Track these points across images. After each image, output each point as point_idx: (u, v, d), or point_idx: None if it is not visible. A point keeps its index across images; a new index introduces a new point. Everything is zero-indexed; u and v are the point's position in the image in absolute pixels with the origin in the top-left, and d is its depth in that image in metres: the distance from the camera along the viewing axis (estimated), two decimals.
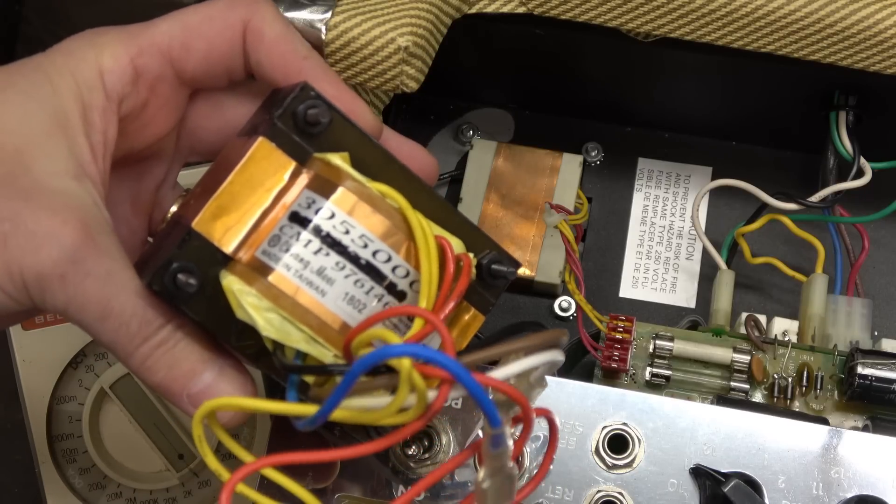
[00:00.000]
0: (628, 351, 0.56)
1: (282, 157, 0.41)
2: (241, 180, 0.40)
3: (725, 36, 0.53)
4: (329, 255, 0.40)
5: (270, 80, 0.44)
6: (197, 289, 0.39)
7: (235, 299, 0.39)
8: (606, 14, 0.54)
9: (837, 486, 0.46)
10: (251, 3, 0.45)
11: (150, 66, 0.43)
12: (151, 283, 0.39)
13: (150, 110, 0.44)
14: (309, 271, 0.39)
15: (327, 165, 0.41)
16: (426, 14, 0.51)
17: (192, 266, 0.39)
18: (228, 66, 0.45)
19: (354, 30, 0.50)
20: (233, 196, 0.40)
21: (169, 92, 0.45)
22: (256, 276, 0.40)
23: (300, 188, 0.41)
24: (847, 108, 0.59)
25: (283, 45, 0.44)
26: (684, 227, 0.65)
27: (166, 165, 0.47)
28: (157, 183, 0.47)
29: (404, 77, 0.50)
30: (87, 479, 0.60)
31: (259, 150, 0.41)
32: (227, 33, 0.44)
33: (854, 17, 0.51)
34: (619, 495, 0.46)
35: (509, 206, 0.64)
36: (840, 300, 0.59)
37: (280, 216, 0.40)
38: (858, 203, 0.60)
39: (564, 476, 0.46)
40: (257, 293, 0.39)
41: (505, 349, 0.37)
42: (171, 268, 0.39)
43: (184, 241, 0.40)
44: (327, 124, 0.41)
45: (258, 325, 0.39)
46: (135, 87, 0.43)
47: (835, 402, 0.55)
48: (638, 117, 0.67)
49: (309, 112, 0.41)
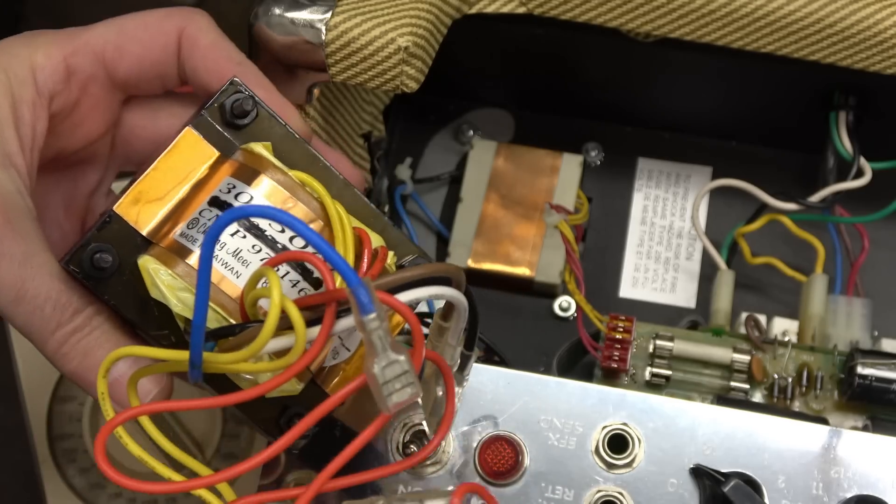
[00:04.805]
0: (628, 351, 0.56)
1: (207, 148, 0.42)
2: (164, 167, 0.42)
3: (725, 36, 0.53)
4: (246, 237, 0.40)
5: (205, 86, 0.45)
6: (114, 270, 0.40)
7: (150, 278, 0.40)
8: (606, 14, 0.54)
9: (837, 486, 0.46)
10: (187, 13, 0.46)
11: (82, 65, 0.44)
12: (69, 262, 0.40)
13: (82, 110, 0.45)
14: (225, 253, 0.40)
15: (250, 154, 0.42)
16: (426, 14, 0.51)
17: (110, 248, 0.40)
18: (162, 72, 0.46)
19: (354, 30, 0.50)
20: (155, 182, 0.41)
21: (101, 93, 0.46)
22: (175, 258, 0.40)
23: (223, 176, 0.41)
24: (847, 108, 0.59)
25: (217, 52, 0.46)
26: (684, 227, 0.65)
27: (100, 171, 0.48)
28: (90, 188, 0.48)
29: (404, 77, 0.50)
30: (87, 479, 0.60)
31: (184, 140, 0.42)
32: (161, 39, 0.45)
33: (854, 17, 0.51)
34: (619, 495, 0.46)
35: (509, 206, 0.64)
36: (840, 300, 0.59)
37: (201, 201, 0.41)
38: (858, 203, 0.60)
39: (564, 476, 0.46)
40: (172, 273, 0.40)
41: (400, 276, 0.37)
42: (89, 247, 0.40)
43: (104, 223, 0.41)
44: (254, 117, 0.43)
45: (171, 303, 0.39)
46: (66, 85, 0.44)
47: (835, 402, 0.55)
48: (638, 117, 0.67)
49: (235, 104, 0.43)
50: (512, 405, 0.47)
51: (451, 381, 0.41)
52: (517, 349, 0.62)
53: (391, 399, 0.35)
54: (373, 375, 0.35)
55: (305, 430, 0.36)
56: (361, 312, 0.35)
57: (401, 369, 0.35)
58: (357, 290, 0.34)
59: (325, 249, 0.35)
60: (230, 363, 0.37)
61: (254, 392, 0.36)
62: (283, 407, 0.43)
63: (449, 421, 0.41)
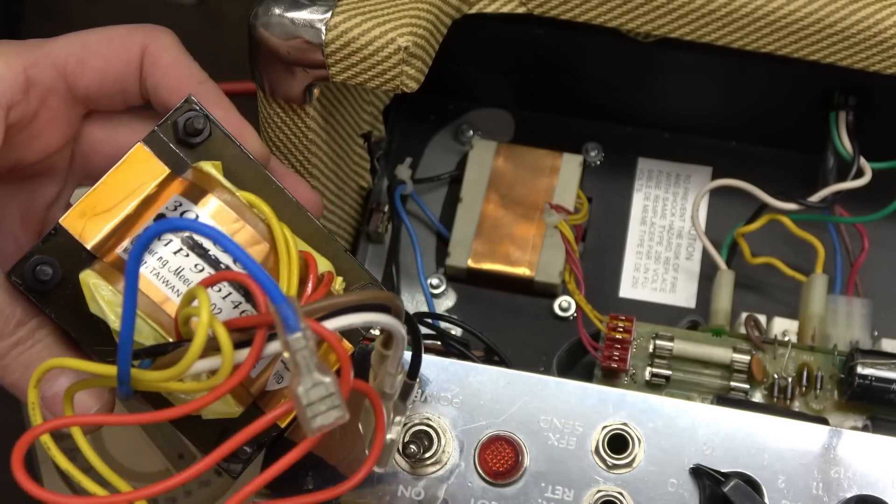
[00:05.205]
0: (628, 351, 0.56)
1: (157, 164, 0.42)
2: (113, 182, 0.41)
3: (725, 36, 0.53)
4: (189, 256, 0.40)
5: (165, 103, 0.45)
6: (56, 283, 0.40)
7: (90, 292, 0.39)
8: (606, 14, 0.54)
9: (837, 486, 0.46)
10: (151, 30, 0.46)
11: (42, 77, 0.44)
12: (12, 273, 0.40)
13: (41, 122, 0.45)
14: (167, 270, 0.40)
15: (200, 173, 0.42)
16: (426, 14, 0.51)
17: (54, 261, 0.40)
18: (123, 88, 0.46)
19: (354, 30, 0.50)
20: (103, 197, 0.41)
21: (61, 106, 0.45)
22: (117, 274, 0.40)
23: (171, 193, 0.41)
24: (847, 108, 0.59)
25: (179, 70, 0.45)
26: (684, 227, 0.65)
27: (59, 185, 0.48)
28: (48, 201, 0.48)
29: (404, 77, 0.50)
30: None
31: (135, 155, 0.42)
32: (123, 55, 0.45)
33: (854, 17, 0.51)
34: (618, 495, 0.46)
35: (509, 206, 0.64)
36: (840, 300, 0.59)
37: (148, 217, 0.41)
38: (858, 203, 0.60)
39: (564, 476, 0.46)
40: (114, 289, 0.40)
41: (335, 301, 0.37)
42: (32, 259, 0.40)
43: (49, 235, 0.41)
44: (207, 136, 0.43)
45: (108, 319, 0.39)
46: (25, 95, 0.44)
47: (835, 402, 0.55)
48: (638, 117, 0.67)
49: (188, 122, 0.42)
50: (512, 405, 0.47)
51: (380, 409, 0.40)
52: (517, 349, 0.62)
53: (315, 421, 0.34)
54: (297, 396, 0.34)
55: (232, 449, 0.35)
56: (286, 331, 0.34)
57: (326, 391, 0.34)
58: (282, 308, 0.34)
59: (250, 265, 0.34)
60: (158, 381, 0.36)
61: (183, 409, 0.36)
62: (223, 430, 0.43)
63: (377, 450, 0.40)
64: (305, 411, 0.34)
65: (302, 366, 0.34)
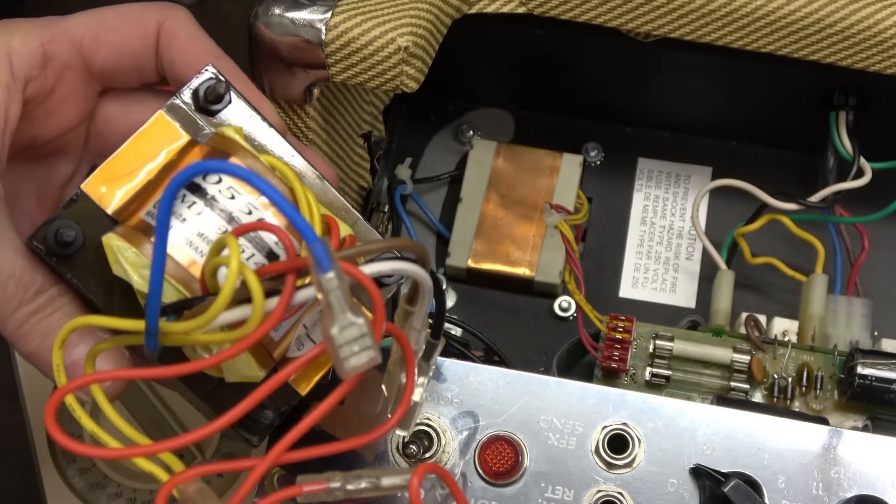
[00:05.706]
0: (628, 351, 0.56)
1: (177, 131, 0.42)
2: (134, 149, 0.41)
3: (725, 36, 0.53)
4: (214, 218, 0.40)
5: (181, 78, 0.45)
6: (79, 247, 0.40)
7: (113, 254, 0.39)
8: (606, 14, 0.54)
9: (837, 486, 0.46)
10: (167, 7, 0.46)
11: (59, 52, 0.44)
12: (33, 238, 0.40)
13: (57, 97, 0.45)
14: (195, 235, 0.39)
15: (221, 137, 0.42)
16: (426, 14, 0.51)
17: (76, 225, 0.40)
18: (139, 64, 0.46)
19: (354, 30, 0.50)
20: (124, 163, 0.41)
21: (77, 82, 0.45)
22: (140, 237, 0.40)
23: (193, 159, 0.41)
24: (847, 108, 0.59)
25: (196, 45, 0.45)
26: (684, 227, 0.65)
27: (74, 163, 0.48)
28: (63, 180, 0.48)
29: (404, 77, 0.50)
30: (87, 479, 0.60)
31: (156, 123, 0.42)
32: (140, 31, 0.45)
33: (854, 17, 0.51)
34: (618, 495, 0.46)
35: (509, 206, 0.64)
36: (840, 300, 0.59)
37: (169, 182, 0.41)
38: (858, 203, 0.60)
39: (564, 476, 0.46)
40: (137, 251, 0.39)
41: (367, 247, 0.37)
42: (54, 223, 0.40)
43: (71, 201, 0.40)
44: (227, 103, 0.42)
45: (133, 280, 0.39)
46: (42, 71, 0.44)
47: (835, 402, 0.55)
48: (638, 117, 0.67)
49: (208, 89, 0.42)
50: (512, 405, 0.47)
51: (412, 358, 0.40)
52: (517, 349, 0.62)
53: (349, 362, 0.34)
54: (330, 337, 0.34)
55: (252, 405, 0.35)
56: (319, 271, 0.33)
57: (359, 332, 0.34)
58: (314, 246, 0.33)
59: (282, 204, 0.34)
60: (185, 332, 0.36)
61: (207, 362, 0.35)
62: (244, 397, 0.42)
63: (407, 401, 0.39)
64: (339, 352, 0.34)
65: (335, 306, 0.34)
